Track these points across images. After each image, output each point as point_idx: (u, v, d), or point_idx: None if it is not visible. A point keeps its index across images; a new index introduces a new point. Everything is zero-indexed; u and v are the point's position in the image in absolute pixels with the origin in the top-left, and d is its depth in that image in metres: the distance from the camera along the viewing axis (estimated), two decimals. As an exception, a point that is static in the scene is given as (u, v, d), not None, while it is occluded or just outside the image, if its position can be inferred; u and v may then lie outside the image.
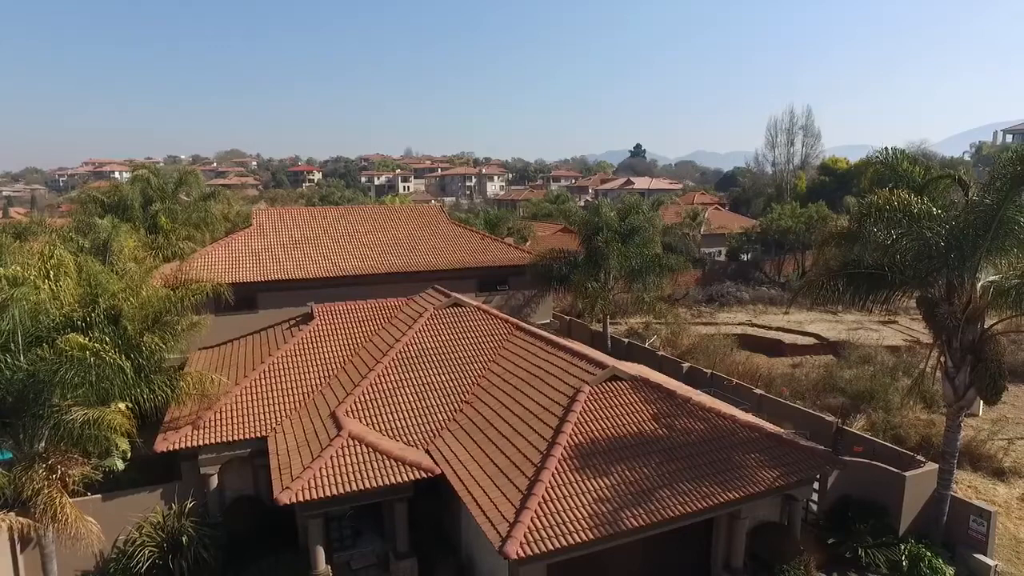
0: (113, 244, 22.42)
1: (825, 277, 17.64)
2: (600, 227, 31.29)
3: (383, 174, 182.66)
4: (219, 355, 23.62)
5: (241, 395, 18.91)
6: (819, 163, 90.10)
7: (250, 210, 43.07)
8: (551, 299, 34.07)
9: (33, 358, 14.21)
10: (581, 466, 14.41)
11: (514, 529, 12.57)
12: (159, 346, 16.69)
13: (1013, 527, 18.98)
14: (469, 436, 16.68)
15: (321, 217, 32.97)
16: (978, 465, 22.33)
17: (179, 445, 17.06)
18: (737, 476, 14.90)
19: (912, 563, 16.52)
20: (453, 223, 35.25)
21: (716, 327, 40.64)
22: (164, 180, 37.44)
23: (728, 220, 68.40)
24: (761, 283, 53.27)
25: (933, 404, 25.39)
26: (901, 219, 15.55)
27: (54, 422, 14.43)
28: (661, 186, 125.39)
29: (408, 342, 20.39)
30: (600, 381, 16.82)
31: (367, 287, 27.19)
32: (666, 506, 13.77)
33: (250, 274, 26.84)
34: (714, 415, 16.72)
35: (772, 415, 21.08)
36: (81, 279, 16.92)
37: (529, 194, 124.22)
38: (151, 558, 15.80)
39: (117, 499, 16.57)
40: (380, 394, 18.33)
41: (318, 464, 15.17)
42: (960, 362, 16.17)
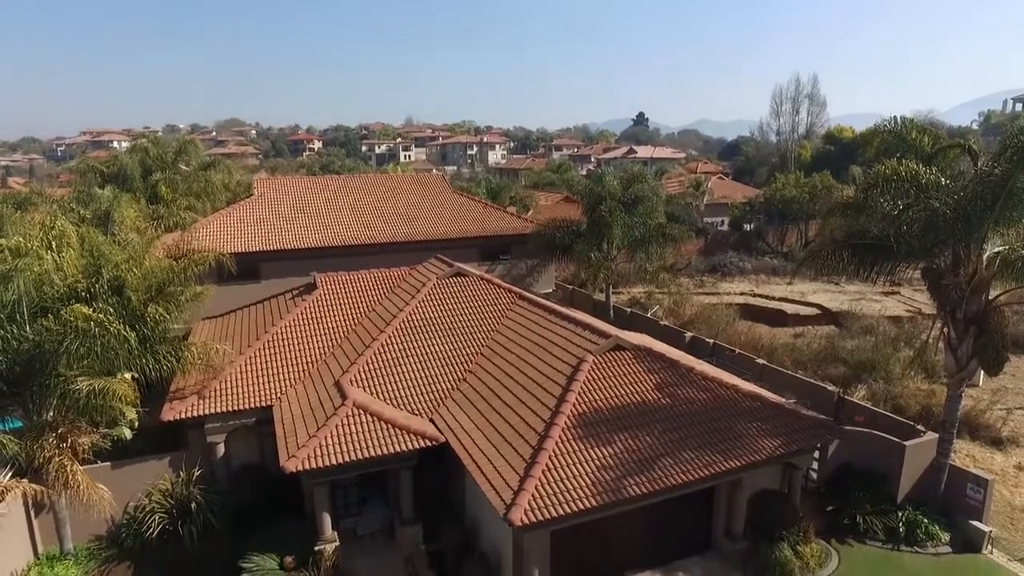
0: (114, 214, 22.33)
1: (829, 248, 17.58)
2: (603, 196, 31.07)
3: (384, 143, 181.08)
4: (223, 325, 23.72)
5: (246, 365, 19.03)
6: (824, 132, 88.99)
7: (251, 179, 42.80)
8: (553, 269, 34.06)
9: (39, 329, 14.31)
10: (584, 435, 14.55)
11: (518, 497, 12.75)
12: (163, 316, 16.78)
13: (1009, 494, 19.23)
14: (473, 405, 16.82)
15: (322, 186, 32.76)
16: (977, 434, 22.53)
17: (185, 414, 17.24)
18: (738, 445, 15.05)
19: (909, 529, 16.80)
20: (455, 192, 35.04)
21: (718, 297, 40.65)
22: (163, 150, 37.11)
23: (731, 190, 67.85)
24: (764, 253, 53.08)
25: (934, 374, 25.51)
26: (909, 189, 15.41)
27: (61, 392, 14.58)
28: (664, 155, 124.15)
29: (411, 312, 20.43)
30: (603, 351, 16.89)
31: (369, 257, 27.12)
32: (668, 474, 13.94)
33: (252, 244, 26.79)
34: (716, 385, 16.82)
35: (774, 385, 21.18)
36: (83, 250, 16.94)
37: (531, 163, 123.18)
38: (161, 524, 16.10)
39: (126, 467, 16.81)
40: (384, 364, 18.43)
41: (323, 433, 15.32)
42: (963, 333, 16.19)
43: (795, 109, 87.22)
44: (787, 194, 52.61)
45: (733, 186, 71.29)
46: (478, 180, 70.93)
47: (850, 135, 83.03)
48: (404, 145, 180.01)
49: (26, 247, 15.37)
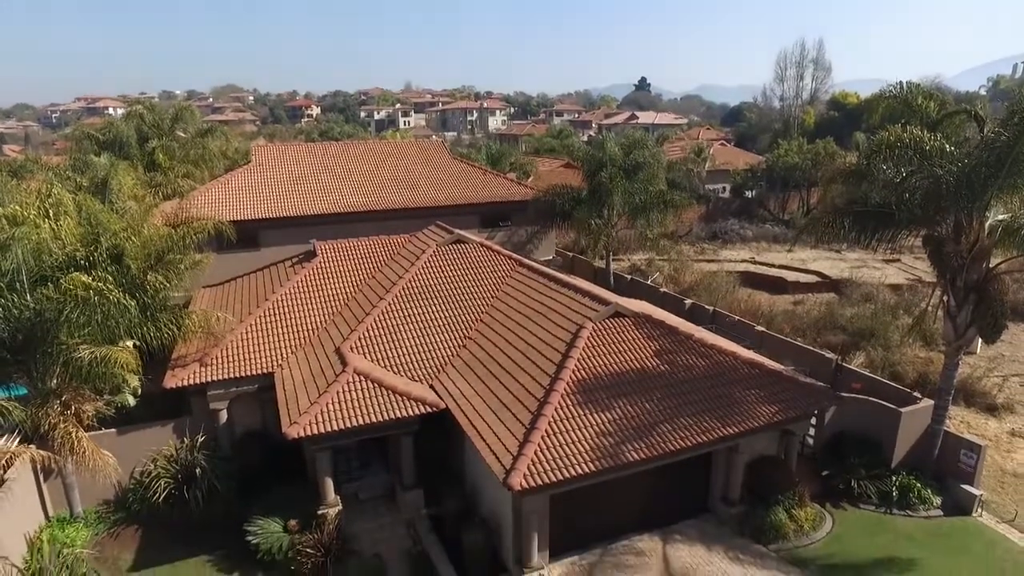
0: (111, 182, 22.14)
1: (830, 215, 17.49)
2: (604, 163, 30.77)
3: (383, 109, 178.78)
4: (223, 293, 23.75)
5: (246, 332, 19.10)
6: (828, 98, 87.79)
7: (249, 146, 42.36)
8: (554, 235, 33.94)
9: (39, 297, 14.32)
10: (584, 401, 14.69)
11: (517, 462, 12.93)
12: (163, 284, 16.80)
13: (1001, 459, 19.50)
14: (473, 371, 16.94)
15: (321, 153, 32.44)
16: (972, 401, 22.75)
17: (188, 381, 17.37)
18: (736, 411, 15.21)
19: (902, 493, 17.09)
20: (455, 158, 34.71)
21: (719, 264, 40.59)
22: (160, 116, 36.70)
23: (733, 156, 67.19)
24: (765, 220, 52.86)
25: (932, 342, 25.64)
26: (912, 156, 15.25)
27: (64, 360, 14.68)
28: (666, 121, 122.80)
29: (411, 279, 20.43)
30: (603, 318, 16.94)
31: (369, 224, 27.02)
32: (666, 440, 14.11)
33: (251, 211, 26.63)
34: (715, 352, 16.91)
35: (773, 352, 21.29)
36: (81, 218, 16.86)
37: (531, 129, 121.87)
38: (167, 488, 16.37)
39: (131, 433, 17.01)
40: (384, 331, 18.51)
41: (325, 399, 15.47)
42: (962, 301, 16.20)
43: (799, 74, 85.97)
44: (789, 161, 52.11)
45: (735, 152, 70.60)
46: (478, 146, 70.27)
47: (855, 101, 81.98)
48: (403, 111, 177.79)
49: (23, 216, 15.27)
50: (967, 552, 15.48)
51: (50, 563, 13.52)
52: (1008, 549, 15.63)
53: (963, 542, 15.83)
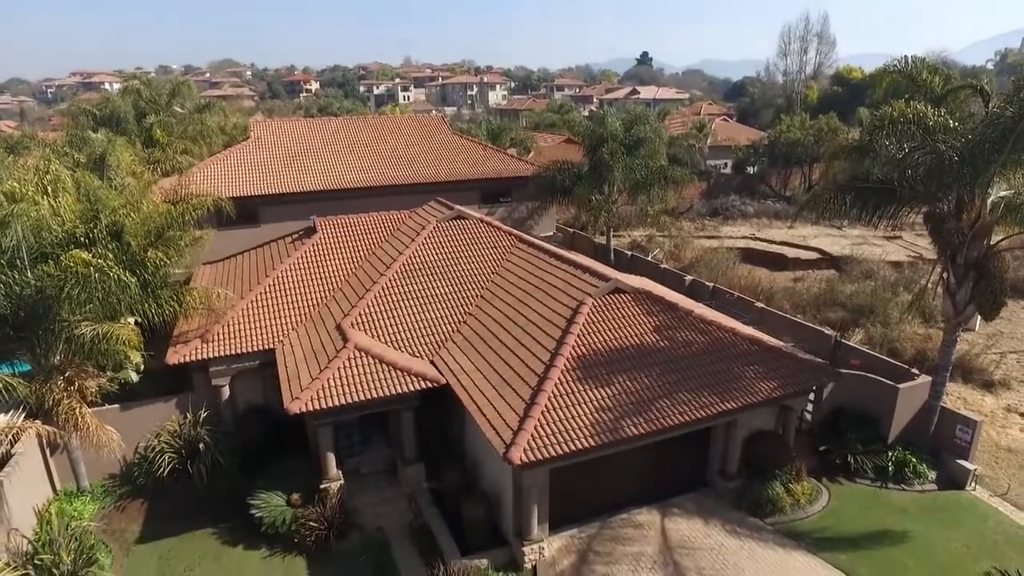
0: (109, 159, 22.03)
1: (832, 191, 17.38)
2: (605, 138, 30.58)
3: (382, 83, 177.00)
4: (224, 269, 23.78)
5: (248, 309, 19.16)
6: (832, 73, 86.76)
7: (247, 122, 42.05)
8: (554, 211, 33.84)
9: (39, 274, 14.34)
10: (583, 376, 14.78)
11: (518, 436, 13.06)
12: (163, 261, 16.80)
13: (996, 435, 19.68)
14: (473, 347, 17.02)
15: (320, 129, 32.20)
16: (970, 377, 22.87)
17: (189, 358, 17.47)
18: (735, 387, 15.31)
19: (897, 468, 17.28)
20: (455, 134, 34.46)
21: (719, 241, 40.53)
22: (156, 92, 36.40)
23: (735, 132, 66.63)
24: (766, 197, 52.61)
25: (931, 319, 25.70)
26: (915, 132, 15.11)
27: (66, 336, 14.76)
28: (667, 96, 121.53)
29: (411, 255, 20.42)
30: (603, 293, 16.97)
31: (369, 200, 26.93)
32: (665, 415, 14.23)
33: (250, 188, 26.53)
34: (715, 328, 16.97)
35: (772, 328, 21.37)
36: (80, 195, 16.81)
37: (532, 104, 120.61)
38: (171, 463, 16.58)
39: (134, 409, 17.16)
40: (385, 307, 18.56)
41: (326, 375, 15.57)
42: (962, 278, 16.20)
43: (803, 48, 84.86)
44: (792, 137, 51.70)
45: (737, 128, 70.00)
46: (478, 121, 69.74)
47: (859, 76, 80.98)
48: (403, 86, 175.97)
49: (21, 192, 15.23)
50: (960, 525, 15.72)
51: (59, 535, 13.74)
52: (1000, 522, 15.86)
53: (956, 515, 16.06)
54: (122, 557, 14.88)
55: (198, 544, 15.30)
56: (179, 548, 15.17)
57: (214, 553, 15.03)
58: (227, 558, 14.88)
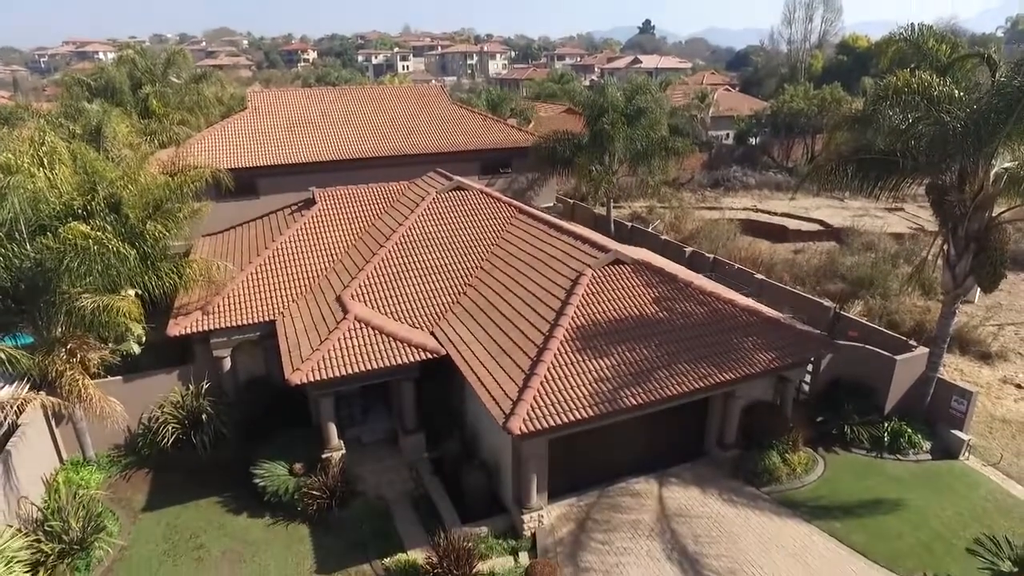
0: (105, 130, 21.80)
1: (834, 162, 17.24)
2: (606, 108, 30.26)
3: (381, 53, 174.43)
4: (223, 241, 23.74)
5: (248, 280, 19.19)
6: (838, 41, 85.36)
7: (244, 92, 41.51)
8: (554, 182, 33.64)
9: (39, 247, 14.32)
10: (582, 347, 14.86)
11: (517, 407, 13.18)
12: (162, 233, 16.78)
13: (991, 406, 19.86)
14: (473, 318, 17.08)
15: (318, 99, 31.83)
16: (967, 349, 23.00)
17: (190, 329, 17.55)
18: (734, 358, 15.39)
19: (893, 438, 17.46)
20: (454, 104, 34.08)
21: (720, 212, 40.39)
22: (152, 61, 35.89)
23: (738, 102, 65.86)
24: (768, 168, 52.24)
25: (931, 291, 25.72)
26: (919, 102, 14.93)
27: (67, 309, 14.80)
28: (670, 65, 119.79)
29: (411, 226, 20.37)
30: (603, 265, 16.97)
31: (368, 170, 26.76)
32: (664, 386, 14.34)
33: (249, 159, 26.31)
34: (714, 299, 17.00)
35: (772, 300, 21.40)
36: (77, 167, 16.70)
37: (532, 73, 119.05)
38: (175, 433, 16.78)
39: (136, 381, 17.32)
40: (384, 278, 18.57)
41: (326, 346, 15.66)
42: (963, 250, 16.17)
43: (808, 16, 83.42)
44: (795, 107, 51.12)
45: (740, 98, 69.17)
46: (478, 91, 68.86)
47: (865, 44, 79.65)
48: (402, 55, 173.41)
49: (17, 164, 15.13)
50: (952, 493, 15.95)
51: (67, 503, 13.98)
52: (991, 490, 16.10)
53: (949, 484, 16.29)
54: (129, 525, 15.15)
55: (203, 512, 15.57)
56: (185, 516, 15.44)
57: (219, 521, 15.30)
58: (232, 526, 15.15)
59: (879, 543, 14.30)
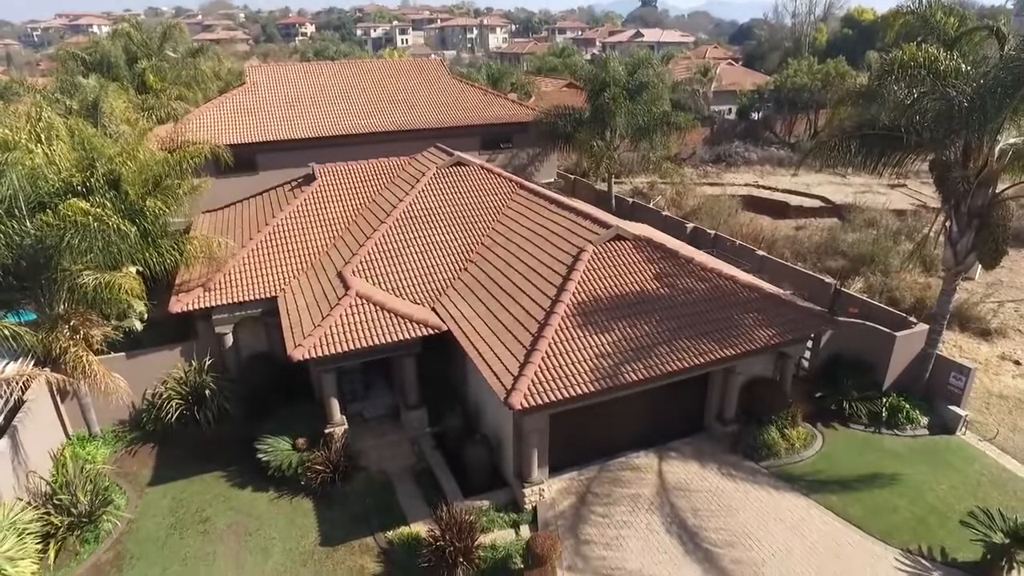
0: (102, 105, 21.58)
1: (838, 138, 17.11)
2: (607, 83, 29.93)
3: (379, 26, 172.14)
4: (223, 218, 23.67)
5: (248, 257, 19.17)
6: (843, 14, 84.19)
7: (242, 67, 41.10)
8: (555, 158, 33.39)
9: (39, 224, 14.29)
10: (583, 323, 14.91)
11: (518, 382, 13.27)
12: (162, 210, 16.73)
13: (989, 382, 19.98)
14: (474, 294, 17.11)
15: (318, 73, 31.49)
16: (967, 326, 23.04)
17: (192, 306, 17.58)
18: (734, 334, 15.45)
19: (891, 413, 17.60)
20: (454, 78, 33.72)
21: (722, 188, 40.19)
22: (147, 35, 35.35)
23: (741, 76, 65.15)
24: (770, 143, 51.86)
25: (932, 268, 25.71)
26: (925, 77, 14.78)
27: (68, 285, 14.81)
28: (672, 39, 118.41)
29: (411, 202, 20.29)
30: (604, 240, 16.95)
31: (367, 146, 26.57)
32: (664, 361, 14.42)
33: (248, 135, 26.12)
34: (715, 275, 17.01)
35: (773, 276, 21.42)
36: (75, 143, 16.57)
37: (533, 47, 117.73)
38: (179, 409, 16.90)
39: (139, 357, 17.39)
40: (385, 254, 18.56)
41: (328, 322, 15.71)
42: (965, 227, 16.13)
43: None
44: (798, 81, 50.56)
45: (743, 73, 68.44)
46: (478, 66, 68.13)
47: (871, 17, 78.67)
48: (400, 28, 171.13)
49: (14, 140, 15.03)
50: (948, 468, 16.13)
51: (75, 477, 14.16)
52: (986, 464, 16.28)
53: (945, 459, 16.46)
54: (136, 498, 15.35)
55: (208, 487, 15.76)
56: (190, 490, 15.63)
57: (224, 495, 15.50)
58: (237, 500, 15.35)
59: (875, 516, 14.50)
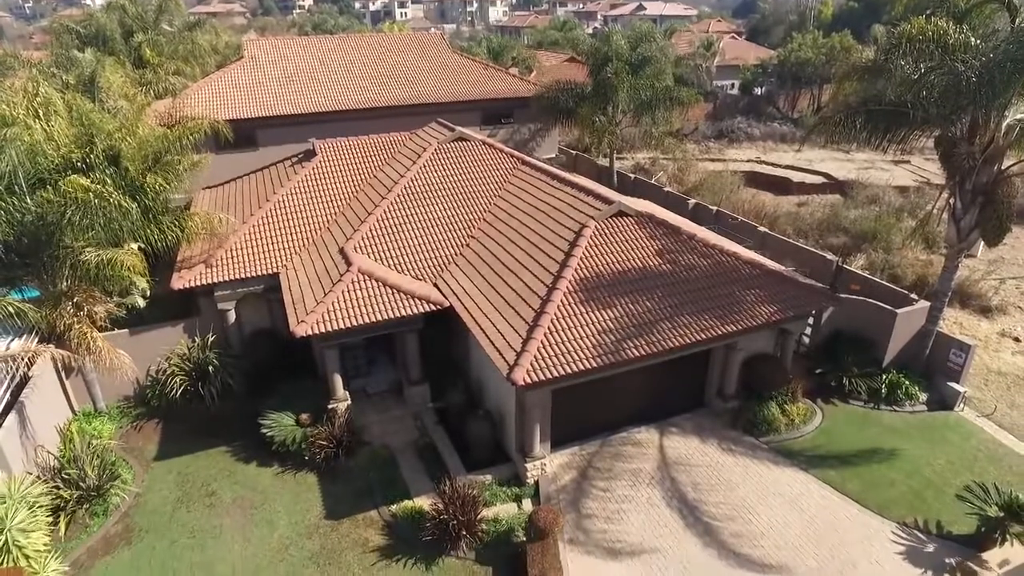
0: (99, 80, 21.31)
1: (842, 114, 16.94)
2: (610, 57, 29.57)
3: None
4: (223, 194, 23.56)
5: (250, 233, 19.12)
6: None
7: (239, 41, 40.58)
8: (557, 133, 33.19)
9: (39, 200, 14.23)
10: (586, 299, 14.94)
11: (521, 358, 13.34)
12: (163, 186, 16.67)
13: (988, 359, 20.07)
14: (476, 270, 17.11)
15: (316, 47, 31.12)
16: (968, 303, 23.08)
17: (194, 283, 17.57)
18: (736, 310, 15.49)
19: (890, 390, 17.72)
20: (455, 52, 33.34)
21: (724, 164, 39.97)
22: (143, 8, 34.85)
23: (744, 51, 64.34)
24: (773, 119, 51.43)
25: (934, 245, 25.69)
26: (933, 51, 14.59)
27: (71, 262, 14.81)
28: (675, 12, 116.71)
29: (413, 178, 20.20)
30: (606, 216, 16.90)
31: (368, 121, 26.37)
32: (666, 338, 14.48)
33: (247, 110, 25.91)
34: (717, 252, 17.00)
35: (775, 253, 21.40)
36: (73, 119, 16.43)
37: (534, 20, 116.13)
38: (183, 385, 17.01)
39: (143, 334, 17.45)
40: (387, 230, 18.52)
41: (330, 298, 15.73)
42: (969, 204, 16.06)
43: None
44: (803, 56, 49.97)
45: (746, 47, 67.58)
46: (479, 39, 67.27)
47: (878, -12, 77.22)
48: (400, 1, 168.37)
49: (12, 116, 14.90)
50: (945, 443, 16.29)
51: (82, 452, 14.31)
52: (983, 440, 16.44)
53: (942, 434, 16.61)
54: (142, 473, 15.53)
55: (213, 461, 15.93)
56: (195, 465, 15.81)
57: (229, 470, 15.67)
58: (242, 474, 15.52)
59: (872, 491, 14.69)
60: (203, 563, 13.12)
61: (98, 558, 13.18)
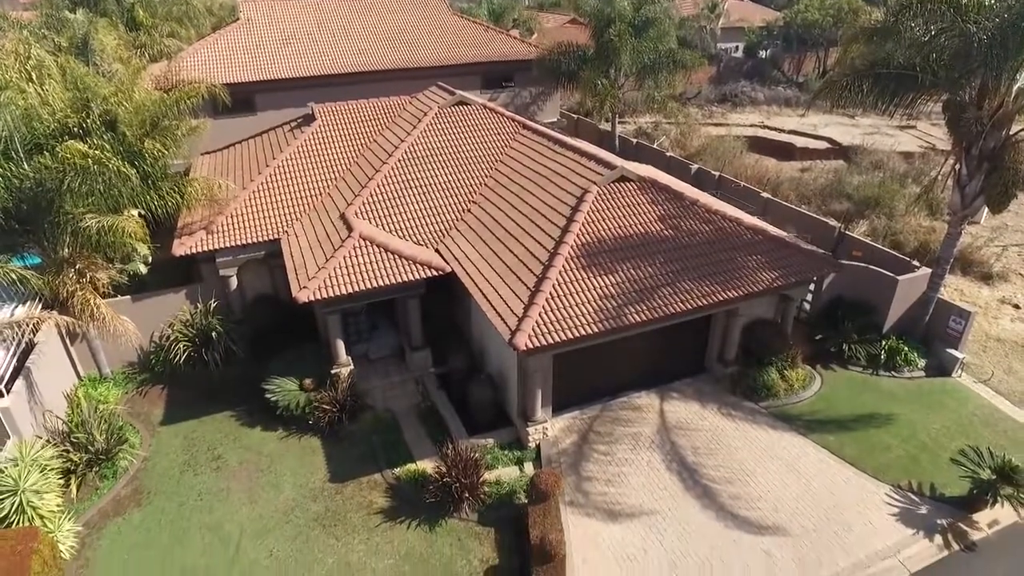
0: (93, 42, 20.94)
1: (849, 77, 16.64)
2: (612, 19, 29.03)
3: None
4: (222, 159, 23.35)
5: (250, 199, 19.02)
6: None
7: (235, 1, 39.62)
8: (558, 97, 32.76)
9: (37, 166, 14.11)
10: (587, 264, 14.94)
11: (523, 323, 13.40)
12: (161, 152, 16.50)
13: (987, 325, 20.16)
14: (478, 235, 17.07)
15: (315, 9, 30.43)
16: (969, 270, 23.07)
17: (195, 249, 17.56)
18: (737, 276, 15.50)
19: (889, 356, 17.84)
20: (455, 14, 32.66)
21: (727, 128, 39.51)
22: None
23: (750, 12, 63.05)
24: (778, 83, 50.67)
25: (937, 211, 25.54)
26: (945, 12, 14.28)
27: (72, 229, 14.77)
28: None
29: (413, 142, 19.99)
30: (608, 181, 16.79)
31: (367, 85, 26.00)
32: (668, 303, 14.52)
33: (245, 73, 25.51)
34: (719, 217, 16.92)
35: (777, 219, 21.32)
36: (67, 82, 16.17)
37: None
38: (187, 351, 17.13)
39: (145, 300, 17.50)
40: (388, 195, 18.41)
41: (332, 264, 15.73)
42: (975, 170, 15.91)
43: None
44: (809, 17, 49.01)
45: (752, 8, 66.14)
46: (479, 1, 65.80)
47: (889, -54, 75.17)
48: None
49: (5, 79, 14.66)
50: (942, 408, 16.48)
51: (89, 416, 14.48)
52: (979, 405, 16.63)
53: (940, 400, 16.78)
54: (149, 437, 15.74)
55: (218, 426, 16.13)
56: (201, 429, 16.01)
57: (234, 434, 15.88)
58: (247, 438, 15.73)
59: (869, 455, 14.91)
60: (211, 524, 13.41)
61: (109, 519, 13.46)
